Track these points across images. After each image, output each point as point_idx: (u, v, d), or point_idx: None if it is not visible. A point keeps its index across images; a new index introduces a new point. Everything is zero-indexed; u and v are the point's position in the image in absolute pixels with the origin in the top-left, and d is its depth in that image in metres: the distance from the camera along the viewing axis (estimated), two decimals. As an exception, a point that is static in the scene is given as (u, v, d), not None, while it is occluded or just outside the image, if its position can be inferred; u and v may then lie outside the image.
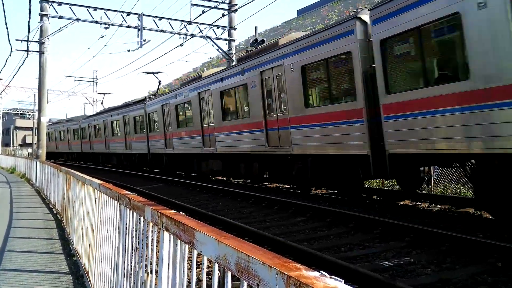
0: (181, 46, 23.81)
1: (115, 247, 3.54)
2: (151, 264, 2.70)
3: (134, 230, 3.10)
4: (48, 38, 21.87)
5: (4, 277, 5.02)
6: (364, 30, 9.56)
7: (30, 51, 22.91)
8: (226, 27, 24.93)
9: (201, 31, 23.77)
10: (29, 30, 21.17)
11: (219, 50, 24.58)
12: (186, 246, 2.08)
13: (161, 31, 22.86)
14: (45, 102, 22.93)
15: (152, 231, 2.69)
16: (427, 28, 7.98)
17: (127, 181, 18.80)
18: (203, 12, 22.82)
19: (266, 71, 13.05)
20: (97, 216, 4.47)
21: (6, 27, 42.35)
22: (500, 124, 6.70)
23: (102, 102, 36.31)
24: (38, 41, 22.00)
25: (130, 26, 22.11)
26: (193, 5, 22.57)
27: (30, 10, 26.66)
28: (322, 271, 1.25)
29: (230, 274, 1.63)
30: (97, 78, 52.18)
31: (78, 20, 21.23)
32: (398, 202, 10.59)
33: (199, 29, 23.74)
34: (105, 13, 21.82)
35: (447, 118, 7.60)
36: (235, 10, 24.64)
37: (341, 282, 1.18)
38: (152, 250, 2.70)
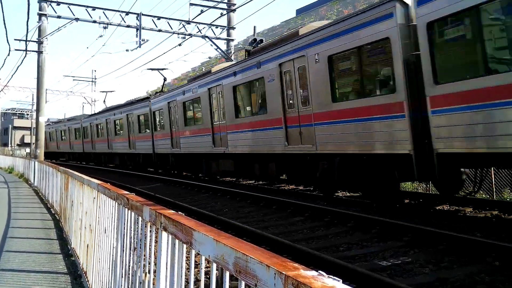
0: (179, 45, 23.86)
1: (113, 247, 3.54)
2: (149, 264, 2.70)
3: (132, 230, 3.10)
4: (46, 38, 21.86)
5: (2, 277, 5.01)
6: (405, 13, 8.46)
7: (29, 51, 22.93)
8: (225, 27, 24.96)
9: (200, 31, 23.79)
10: (27, 29, 21.03)
11: (218, 49, 24.59)
12: (184, 246, 2.08)
13: (159, 31, 22.88)
14: (43, 102, 22.93)
15: (150, 231, 2.69)
16: (488, 6, 6.88)
17: (126, 181, 18.78)
18: (202, 11, 22.86)
19: (286, 63, 12.00)
20: (95, 216, 4.47)
21: (5, 27, 42.39)
22: None
23: (104, 101, 35.43)
24: (37, 40, 22.00)
25: (128, 26, 22.14)
26: (192, 4, 22.60)
27: (29, 9, 26.66)
28: (320, 271, 1.25)
29: (228, 274, 1.63)
30: (95, 78, 52.24)
31: (77, 19, 21.25)
32: (436, 207, 9.53)
33: (198, 28, 23.77)
34: (103, 12, 21.85)
35: None
36: (234, 10, 24.67)
37: (339, 281, 1.18)
38: (150, 250, 2.70)
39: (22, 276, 5.08)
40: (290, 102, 12.04)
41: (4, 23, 24.85)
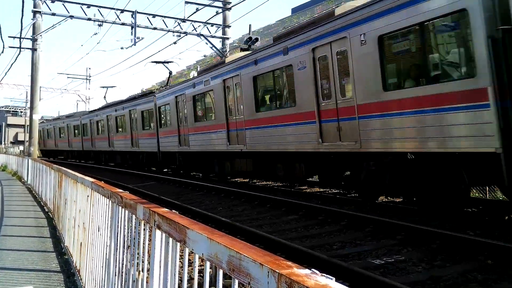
0: (175, 44, 23.81)
1: (107, 245, 3.53)
2: (143, 262, 2.69)
3: (126, 228, 3.09)
4: (41, 35, 21.73)
5: (-6, 275, 4.98)
6: None
7: (23, 48, 22.77)
8: (220, 25, 24.93)
9: (195, 29, 23.76)
10: (21, 27, 20.90)
11: (213, 48, 24.57)
12: (178, 244, 2.08)
13: (155, 29, 22.81)
14: (37, 99, 22.79)
15: (144, 229, 2.69)
16: None
17: (120, 179, 18.72)
18: (197, 10, 22.83)
19: (321, 48, 10.41)
20: (89, 214, 4.45)
21: (-2, 24, 41.92)
22: None
23: (104, 97, 34.19)
24: (31, 38, 21.85)
25: (123, 24, 22.07)
26: (187, 2, 22.59)
27: (23, 7, 26.29)
28: (313, 269, 1.26)
29: (221, 272, 1.63)
30: (90, 76, 52.03)
31: (72, 17, 21.14)
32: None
33: (193, 27, 23.74)
34: (98, 10, 21.76)
35: None
36: (229, 8, 24.64)
37: (332, 279, 1.19)
38: (144, 248, 2.70)
39: (14, 274, 5.06)
40: (326, 92, 10.48)
41: (-3, 20, 24.65)
